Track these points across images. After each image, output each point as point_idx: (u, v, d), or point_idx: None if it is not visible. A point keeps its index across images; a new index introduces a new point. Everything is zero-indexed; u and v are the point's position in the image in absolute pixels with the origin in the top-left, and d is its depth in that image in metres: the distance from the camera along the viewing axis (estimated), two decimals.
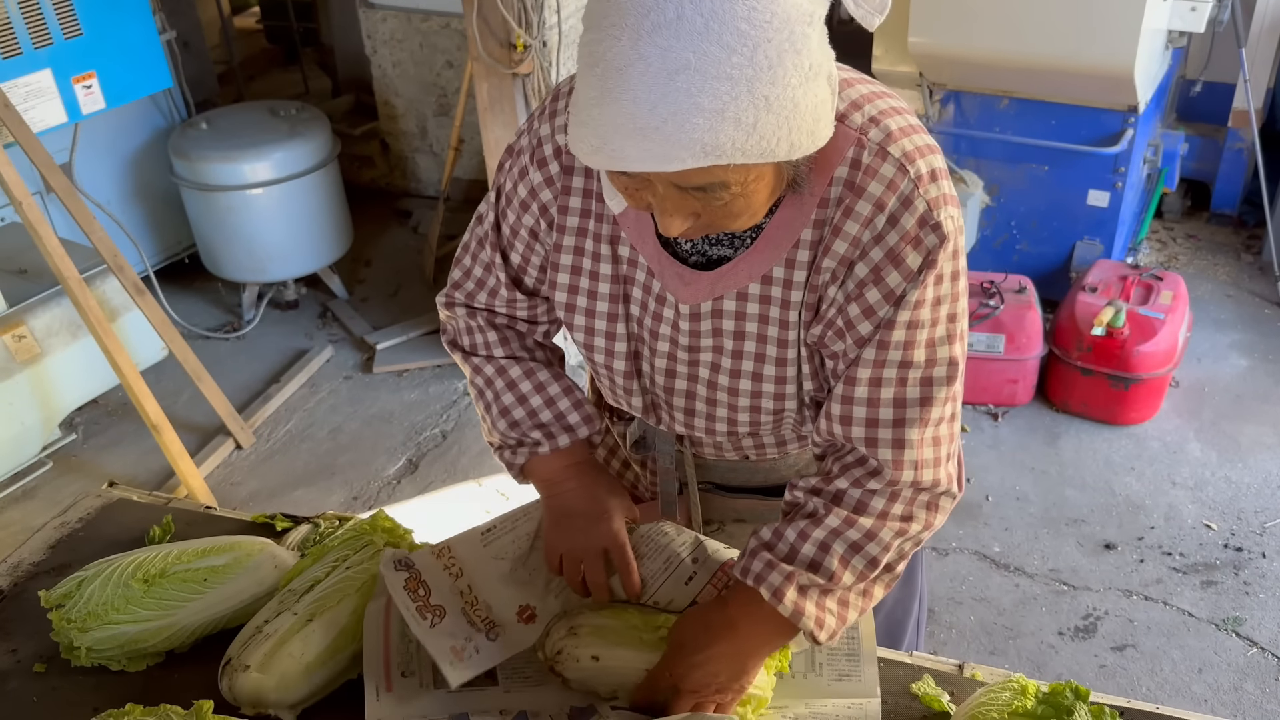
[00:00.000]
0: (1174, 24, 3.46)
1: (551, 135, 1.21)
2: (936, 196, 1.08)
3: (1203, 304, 3.91)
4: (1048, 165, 3.64)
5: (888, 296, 1.10)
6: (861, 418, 1.14)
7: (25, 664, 1.38)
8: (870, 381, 1.13)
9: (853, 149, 1.08)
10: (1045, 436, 3.35)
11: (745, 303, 1.16)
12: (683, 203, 1.01)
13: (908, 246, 1.08)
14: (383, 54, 4.66)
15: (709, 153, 0.90)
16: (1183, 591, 2.77)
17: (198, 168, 3.79)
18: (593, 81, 0.92)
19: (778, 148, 0.93)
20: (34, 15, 3.29)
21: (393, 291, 4.30)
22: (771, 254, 1.13)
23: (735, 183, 0.97)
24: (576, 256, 1.24)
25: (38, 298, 3.21)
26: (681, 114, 0.89)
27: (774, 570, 1.16)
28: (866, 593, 1.20)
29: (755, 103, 0.90)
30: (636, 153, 0.92)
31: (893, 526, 1.16)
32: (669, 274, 1.18)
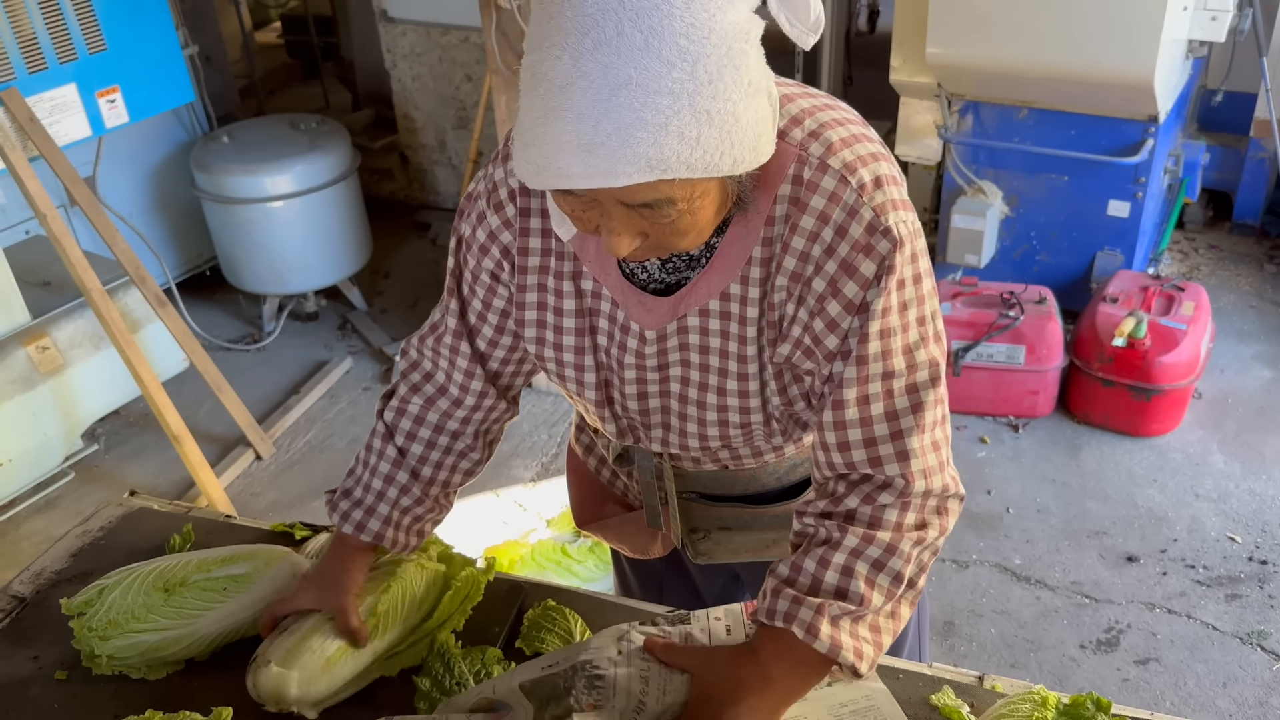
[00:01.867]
0: (1194, 33, 3.44)
1: (505, 179, 1.23)
2: (883, 202, 1.08)
3: (1225, 315, 3.88)
4: (1067, 175, 3.62)
5: (848, 307, 1.10)
6: (859, 439, 1.13)
7: (47, 671, 1.39)
8: (858, 401, 1.12)
9: (794, 165, 1.09)
10: (1066, 448, 3.33)
11: (707, 319, 1.17)
12: (630, 222, 1.01)
13: (859, 255, 1.08)
14: (402, 68, 4.70)
15: (654, 167, 0.91)
16: (1206, 605, 2.74)
17: (219, 181, 3.83)
18: (536, 102, 0.93)
19: (721, 162, 0.94)
20: (59, 30, 3.34)
21: (411, 303, 4.32)
22: (726, 272, 1.14)
23: (681, 199, 0.98)
24: (540, 293, 1.25)
25: (61, 309, 3.24)
26: (625, 129, 0.90)
27: (802, 606, 1.12)
28: (895, 614, 1.17)
29: (698, 116, 0.91)
30: (581, 169, 0.92)
31: (910, 536, 1.14)
32: (631, 303, 1.20)
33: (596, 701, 1.15)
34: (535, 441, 3.49)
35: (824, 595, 1.12)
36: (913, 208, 1.11)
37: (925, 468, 1.13)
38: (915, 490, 1.13)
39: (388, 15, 4.59)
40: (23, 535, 3.21)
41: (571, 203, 1.02)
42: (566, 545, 2.82)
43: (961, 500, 1.19)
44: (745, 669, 1.15)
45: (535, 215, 1.23)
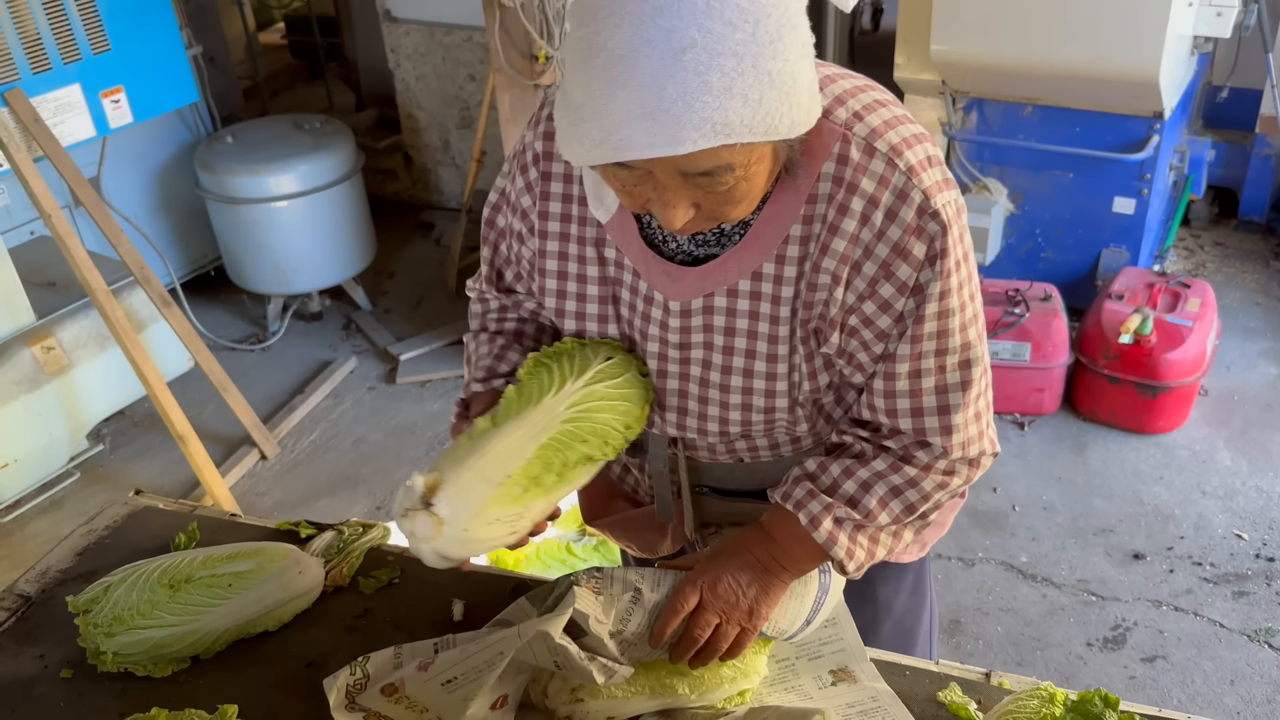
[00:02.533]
0: (1199, 29, 3.43)
1: (533, 142, 1.24)
2: (931, 185, 1.09)
3: (1231, 312, 3.86)
4: (1072, 172, 3.61)
5: (901, 289, 1.11)
6: (906, 409, 1.17)
7: (53, 670, 1.39)
8: (910, 374, 1.15)
9: (839, 144, 1.09)
10: (1072, 446, 3.32)
11: (735, 299, 1.17)
12: (685, 193, 1.00)
13: (911, 238, 1.08)
14: (406, 68, 4.70)
15: (718, 132, 0.91)
16: (1214, 602, 2.73)
17: (223, 181, 3.83)
18: (593, 74, 0.92)
19: (780, 124, 0.94)
20: (63, 31, 3.34)
21: (416, 303, 4.32)
22: (761, 250, 1.14)
23: (739, 164, 0.98)
24: (561, 261, 1.26)
25: (66, 310, 3.25)
26: (691, 93, 0.89)
27: (814, 499, 1.19)
28: (897, 534, 1.24)
29: (760, 78, 0.91)
30: (645, 139, 0.92)
31: (935, 479, 1.20)
32: (656, 272, 1.19)
33: (596, 587, 1.21)
34: None
35: (838, 499, 1.20)
36: (956, 185, 1.13)
37: (966, 439, 1.18)
38: (952, 456, 1.19)
39: (391, 15, 4.59)
40: (28, 535, 3.21)
41: (624, 177, 1.01)
42: (571, 544, 2.82)
43: (995, 455, 1.24)
44: (751, 533, 1.26)
45: (557, 180, 1.23)
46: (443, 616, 1.44)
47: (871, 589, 1.48)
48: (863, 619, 1.46)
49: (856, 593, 1.48)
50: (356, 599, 1.48)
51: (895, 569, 1.48)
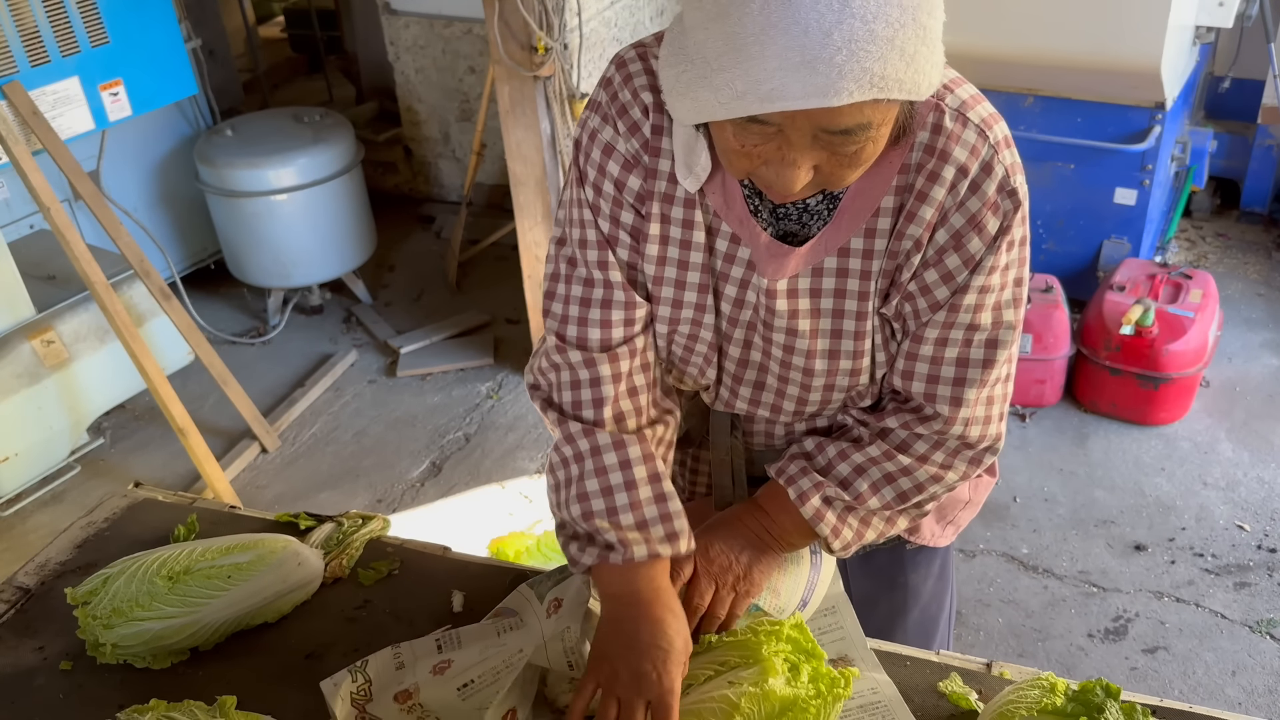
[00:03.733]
0: (1201, 19, 3.42)
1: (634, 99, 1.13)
2: (1012, 163, 1.09)
3: (1233, 303, 3.86)
4: (1074, 163, 3.60)
5: (967, 262, 1.10)
6: (924, 374, 1.16)
7: (52, 661, 1.39)
8: (937, 341, 1.14)
9: (932, 114, 1.07)
10: (1074, 437, 3.31)
11: (820, 279, 1.14)
12: (812, 152, 0.96)
13: (988, 212, 1.08)
14: (405, 60, 4.69)
15: (875, 84, 0.87)
16: (1215, 593, 2.73)
17: (223, 174, 3.82)
18: (745, 19, 0.86)
19: (925, 83, 0.91)
20: (61, 24, 3.33)
21: (416, 296, 4.32)
22: (850, 224, 1.11)
23: (877, 123, 0.94)
24: (664, 225, 1.16)
25: (66, 303, 3.25)
26: (856, 41, 0.85)
27: (805, 476, 1.21)
28: (891, 520, 1.24)
29: (919, 32, 0.88)
30: (800, 88, 0.87)
31: (929, 470, 1.19)
32: (759, 246, 1.13)
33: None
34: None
35: (830, 479, 1.21)
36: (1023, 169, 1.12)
37: (971, 416, 1.17)
38: (952, 433, 1.17)
39: (390, 8, 4.58)
40: (29, 529, 3.21)
41: (752, 134, 0.95)
42: None
43: (997, 454, 1.23)
44: (743, 506, 1.28)
45: (667, 135, 1.14)
46: (442, 608, 1.44)
47: (903, 575, 1.48)
48: (892, 604, 1.47)
49: (888, 578, 1.48)
50: (356, 590, 1.47)
51: (926, 555, 1.47)
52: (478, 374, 3.80)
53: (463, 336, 3.99)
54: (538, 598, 1.30)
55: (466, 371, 3.82)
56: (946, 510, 1.44)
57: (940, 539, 1.45)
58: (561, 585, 1.28)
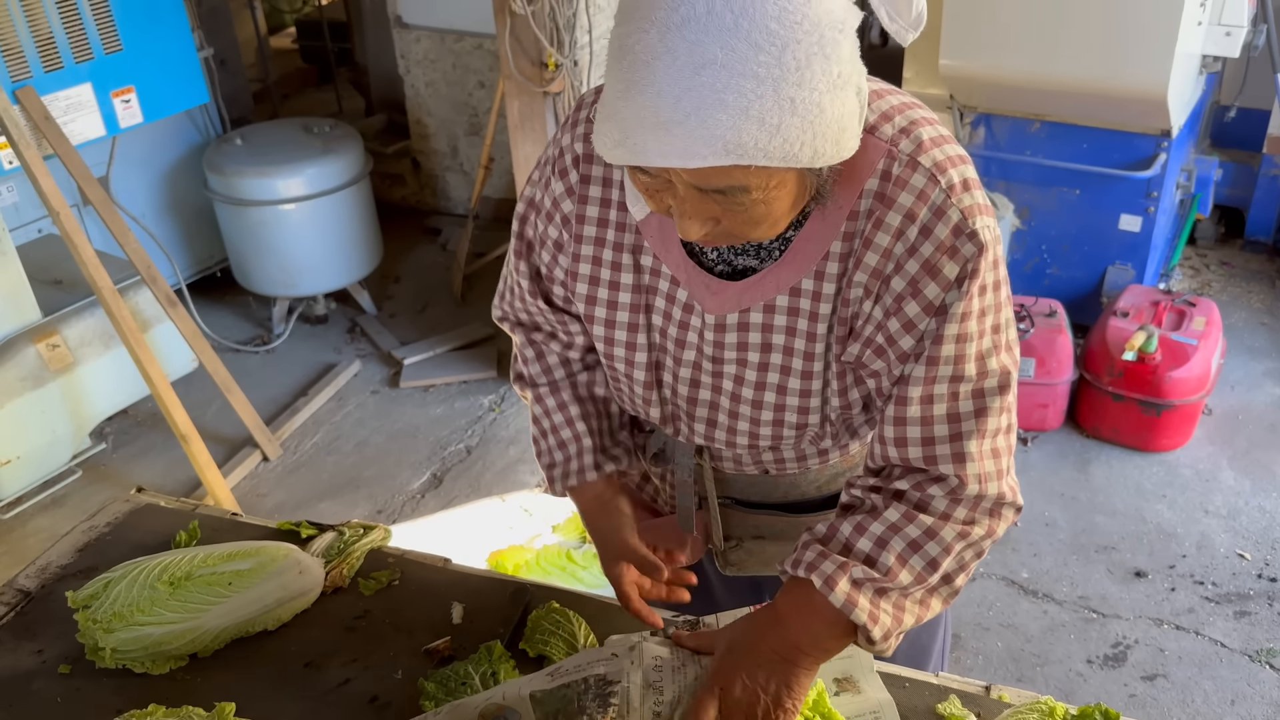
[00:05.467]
0: (1208, 48, 3.43)
1: (572, 145, 1.22)
2: (970, 205, 1.07)
3: (1236, 331, 3.86)
4: (1079, 189, 3.61)
5: (927, 309, 1.08)
6: (916, 437, 1.12)
7: (50, 665, 1.39)
8: (922, 400, 1.11)
9: (883, 160, 1.07)
10: (1075, 462, 3.31)
11: (772, 315, 1.15)
12: (703, 206, 0.99)
13: (943, 257, 1.06)
14: (416, 74, 4.71)
15: (730, 151, 0.90)
16: (1215, 622, 2.72)
17: (232, 182, 3.84)
18: (619, 75, 0.92)
19: (801, 152, 0.92)
20: (76, 30, 3.36)
21: (421, 308, 4.33)
22: (800, 266, 1.12)
23: (756, 187, 0.96)
24: (595, 266, 1.24)
25: (71, 308, 3.26)
26: (705, 109, 0.88)
27: (826, 560, 1.13)
28: (924, 602, 1.15)
29: (780, 104, 0.89)
30: (657, 147, 0.91)
31: (954, 528, 1.12)
32: (696, 283, 1.17)
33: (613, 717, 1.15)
34: None
35: (853, 558, 1.13)
36: (993, 213, 1.10)
37: (981, 472, 1.11)
38: (968, 492, 1.12)
39: (402, 21, 4.61)
40: (29, 532, 3.21)
41: (645, 181, 1.01)
42: (571, 551, 2.81)
43: (1019, 510, 1.17)
44: (762, 616, 1.19)
45: (596, 184, 1.21)
46: (442, 619, 1.44)
47: None
48: None
49: None
50: (356, 600, 1.47)
51: None
52: (480, 387, 3.80)
53: (466, 349, 4.00)
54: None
55: (469, 384, 3.82)
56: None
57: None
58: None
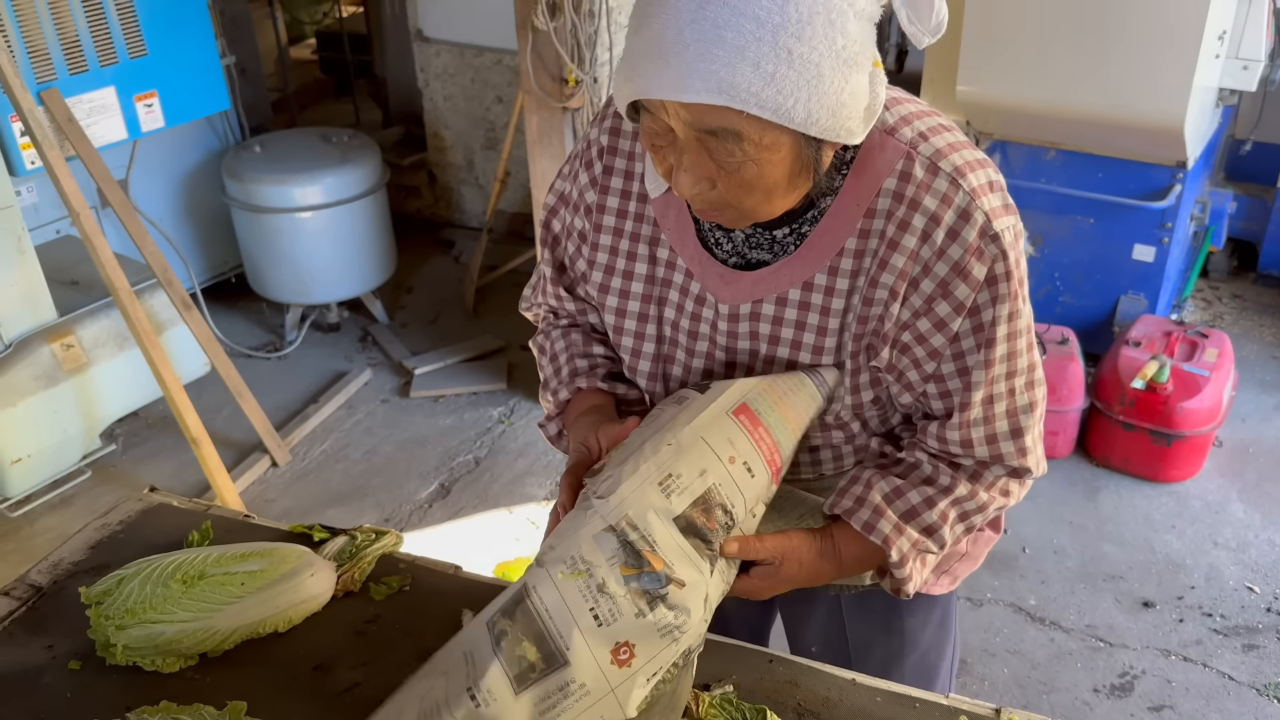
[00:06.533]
0: (1225, 81, 3.44)
1: (599, 138, 1.26)
2: (993, 208, 1.10)
3: (1248, 364, 3.85)
4: (1093, 218, 3.62)
5: (958, 309, 1.11)
6: (982, 437, 1.19)
7: (60, 660, 1.39)
8: (984, 401, 1.17)
9: (902, 161, 1.09)
10: (1085, 490, 3.30)
11: (784, 308, 1.18)
12: (700, 161, 1.02)
13: (971, 258, 1.09)
14: (435, 87, 4.74)
15: (724, 90, 0.93)
16: (1223, 654, 2.70)
17: (250, 189, 3.86)
18: (636, 12, 0.98)
19: (795, 110, 0.95)
20: (102, 34, 3.39)
21: (432, 318, 4.34)
22: (814, 260, 1.14)
23: (749, 138, 0.98)
24: (611, 256, 1.27)
25: (87, 309, 3.28)
26: (704, 43, 0.92)
27: (901, 535, 1.20)
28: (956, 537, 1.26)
29: (777, 52, 0.92)
30: (657, 79, 0.95)
31: (998, 500, 1.23)
32: (710, 274, 1.20)
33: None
34: (550, 460, 3.49)
35: (924, 532, 1.21)
36: (1017, 212, 1.14)
37: (1039, 456, 1.22)
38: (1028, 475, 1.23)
39: (423, 35, 4.65)
40: (37, 531, 3.22)
41: (651, 130, 1.03)
42: None
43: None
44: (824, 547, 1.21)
45: (618, 175, 1.25)
46: (452, 626, 1.43)
47: (900, 620, 1.47)
48: (888, 649, 1.46)
49: (883, 623, 1.47)
50: (367, 604, 1.47)
51: (924, 602, 1.47)
52: (490, 398, 3.81)
53: (477, 360, 4.01)
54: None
55: (479, 395, 3.83)
56: (944, 560, 1.42)
57: (935, 587, 1.44)
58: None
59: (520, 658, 1.05)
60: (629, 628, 1.04)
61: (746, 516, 1.12)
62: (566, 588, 1.05)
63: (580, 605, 1.04)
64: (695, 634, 1.08)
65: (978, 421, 1.17)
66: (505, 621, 1.08)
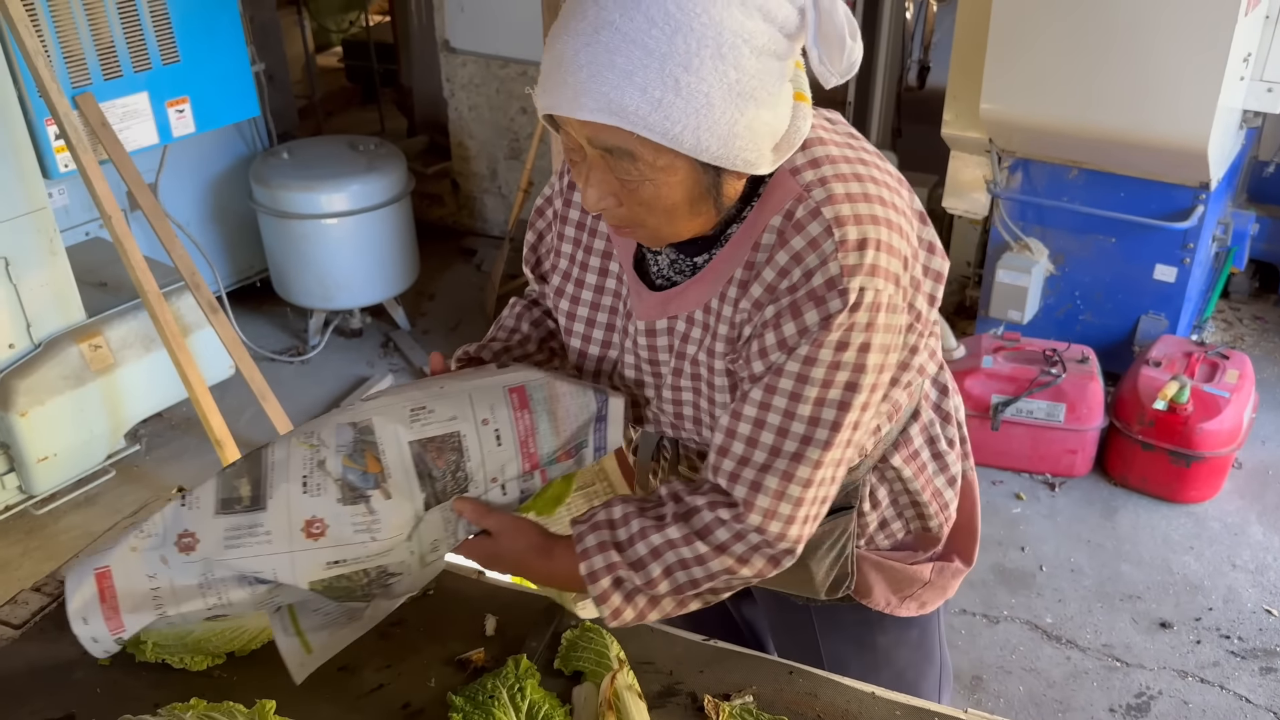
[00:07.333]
0: (1249, 104, 3.44)
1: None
2: (855, 265, 1.07)
3: (1269, 386, 3.84)
4: (1115, 237, 3.62)
5: (781, 344, 1.11)
6: (738, 454, 1.16)
7: (90, 656, 1.41)
8: (755, 421, 1.15)
9: (791, 202, 1.11)
10: (1103, 509, 3.30)
11: (691, 326, 1.23)
12: (605, 178, 1.08)
13: (810, 302, 1.09)
14: (460, 97, 4.79)
15: (615, 112, 0.99)
16: (1240, 676, 2.70)
17: (277, 195, 3.91)
18: (550, 32, 1.04)
19: (683, 136, 1.00)
20: (136, 40, 3.44)
21: (453, 326, 4.38)
22: (709, 286, 1.19)
23: (644, 159, 1.03)
24: (569, 263, 1.35)
25: (115, 310, 3.32)
26: (596, 65, 0.98)
27: (601, 553, 1.20)
28: (682, 603, 1.24)
29: (664, 80, 0.97)
30: (557, 94, 1.01)
31: (725, 563, 1.18)
32: (634, 290, 1.28)
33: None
34: None
35: (625, 558, 1.20)
36: (893, 280, 1.10)
37: (768, 508, 1.15)
38: (749, 523, 1.16)
39: (450, 45, 4.69)
40: (61, 529, 3.26)
41: (565, 141, 1.10)
42: None
43: (794, 557, 1.21)
44: (539, 542, 1.27)
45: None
46: (475, 630, 1.46)
47: (871, 635, 1.49)
48: (863, 665, 1.47)
49: (855, 637, 1.49)
50: None
51: (895, 621, 1.48)
52: None
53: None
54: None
55: None
56: (902, 585, 1.43)
57: (899, 609, 1.45)
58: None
59: (234, 488, 1.20)
60: (328, 508, 1.18)
61: (486, 482, 1.24)
62: (295, 451, 1.20)
63: (297, 469, 1.19)
64: (396, 556, 1.22)
65: (741, 437, 1.15)
66: (243, 460, 1.23)
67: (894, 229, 1.11)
